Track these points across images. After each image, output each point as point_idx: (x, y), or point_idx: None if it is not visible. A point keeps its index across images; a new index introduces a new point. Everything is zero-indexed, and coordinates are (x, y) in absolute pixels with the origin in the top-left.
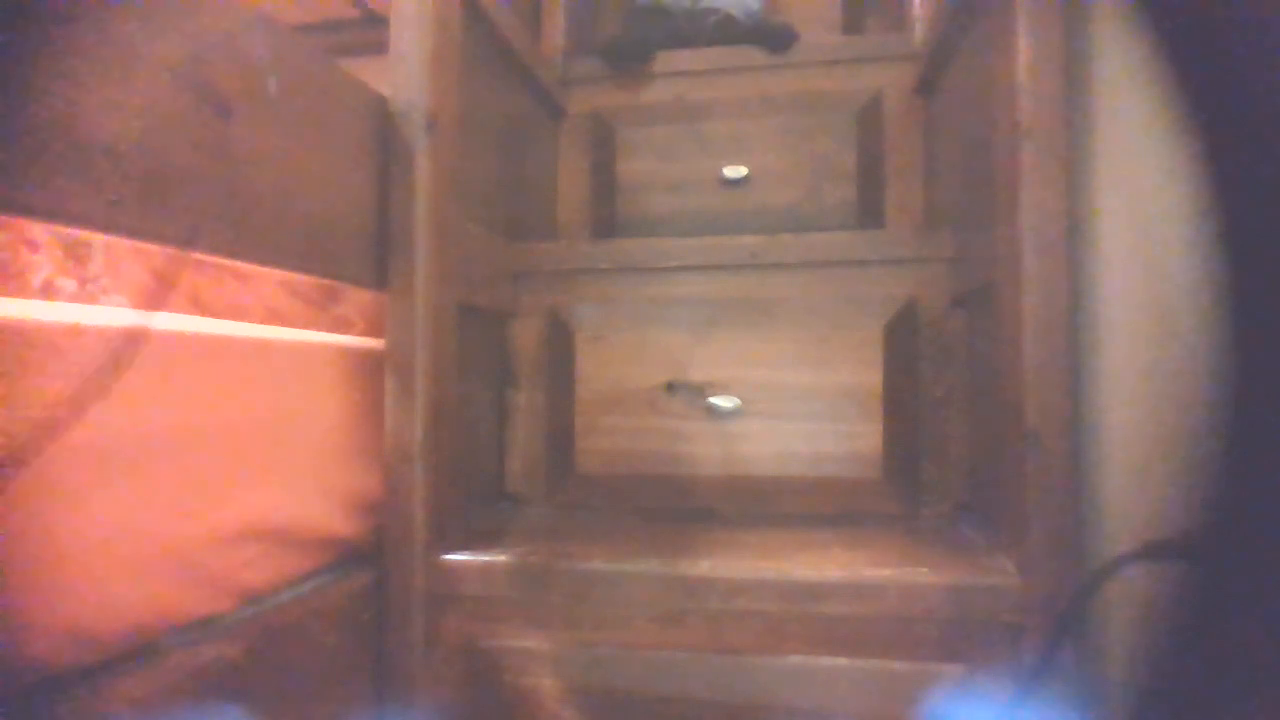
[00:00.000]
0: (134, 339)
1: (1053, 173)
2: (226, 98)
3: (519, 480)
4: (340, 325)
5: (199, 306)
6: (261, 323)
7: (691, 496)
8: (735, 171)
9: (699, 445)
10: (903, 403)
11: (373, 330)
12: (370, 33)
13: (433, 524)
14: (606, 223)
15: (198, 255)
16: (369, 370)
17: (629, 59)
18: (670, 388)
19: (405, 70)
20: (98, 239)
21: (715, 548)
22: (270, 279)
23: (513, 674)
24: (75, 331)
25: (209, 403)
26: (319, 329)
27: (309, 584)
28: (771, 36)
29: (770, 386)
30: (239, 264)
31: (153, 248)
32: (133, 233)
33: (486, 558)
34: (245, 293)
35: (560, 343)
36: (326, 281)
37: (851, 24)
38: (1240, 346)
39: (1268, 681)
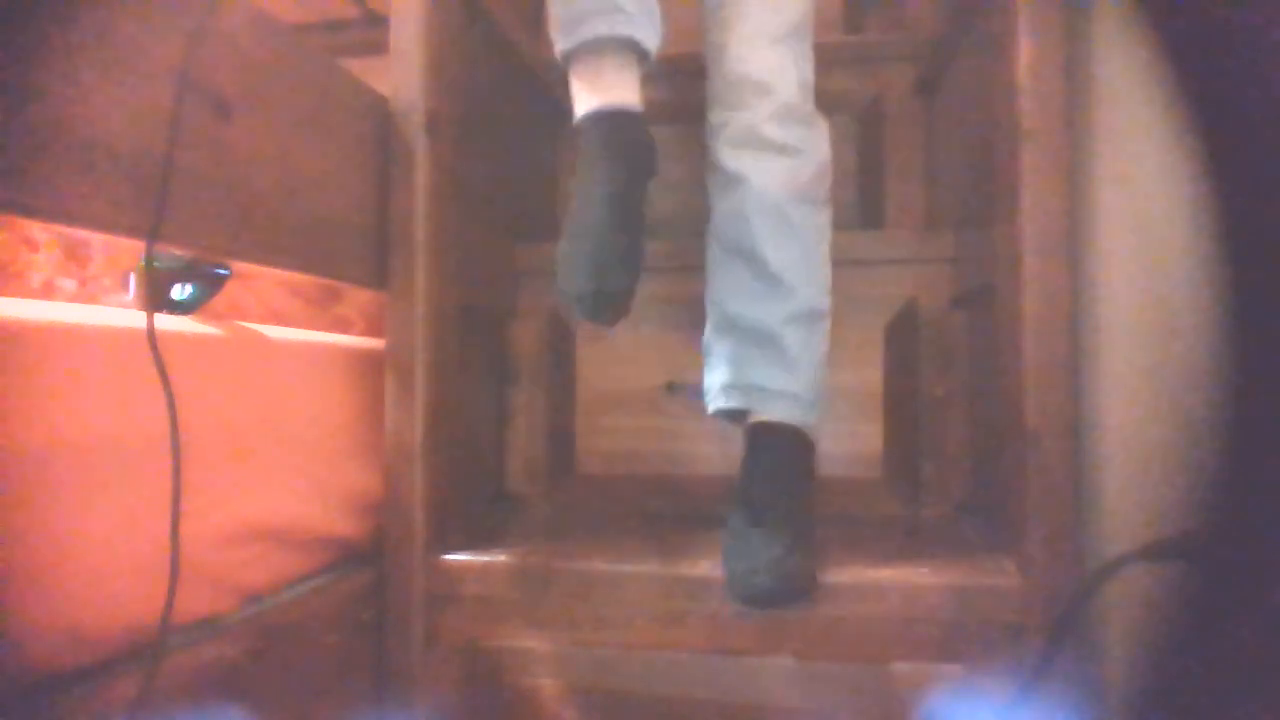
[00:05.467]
0: (133, 339)
1: (1053, 173)
2: (226, 98)
3: (519, 480)
4: (340, 325)
5: None
6: (262, 322)
7: (692, 497)
8: None
9: (699, 445)
10: (903, 403)
11: (373, 330)
12: (370, 33)
13: (433, 524)
14: None
15: (196, 255)
16: (369, 370)
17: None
18: (670, 388)
19: (405, 70)
20: (97, 239)
21: (715, 548)
22: (270, 279)
23: (513, 674)
24: (75, 331)
25: (209, 402)
26: (319, 329)
27: (309, 584)
28: None
29: None
30: (239, 264)
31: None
32: (132, 232)
33: (486, 558)
34: (245, 292)
35: (560, 343)
36: (326, 281)
37: (851, 24)
38: (1241, 347)
39: (1268, 681)
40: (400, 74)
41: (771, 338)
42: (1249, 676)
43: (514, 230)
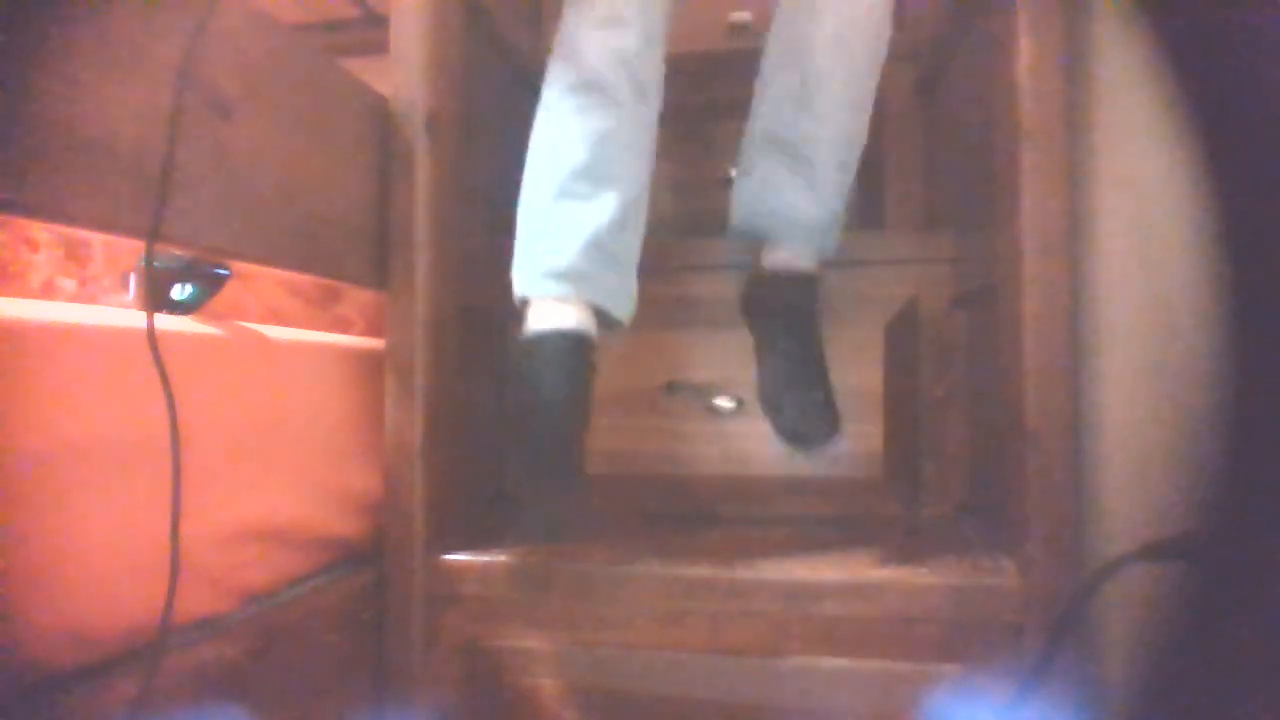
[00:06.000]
0: (133, 339)
1: (1053, 173)
2: (226, 98)
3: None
4: (340, 325)
5: None
6: (262, 322)
7: (692, 497)
8: (733, 173)
9: (699, 445)
10: (903, 403)
11: (373, 330)
12: (370, 33)
13: (433, 524)
14: None
15: (196, 255)
16: (369, 370)
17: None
18: (670, 388)
19: (405, 70)
20: (97, 239)
21: (715, 548)
22: (270, 278)
23: (513, 674)
24: (75, 331)
25: (209, 402)
26: (319, 329)
27: (309, 584)
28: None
29: None
30: (239, 264)
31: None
32: (132, 232)
33: (486, 558)
34: (245, 292)
35: None
36: (326, 281)
37: None
38: (1241, 347)
39: (1268, 681)
40: (400, 74)
41: (806, 158)
42: (1249, 676)
43: (514, 230)
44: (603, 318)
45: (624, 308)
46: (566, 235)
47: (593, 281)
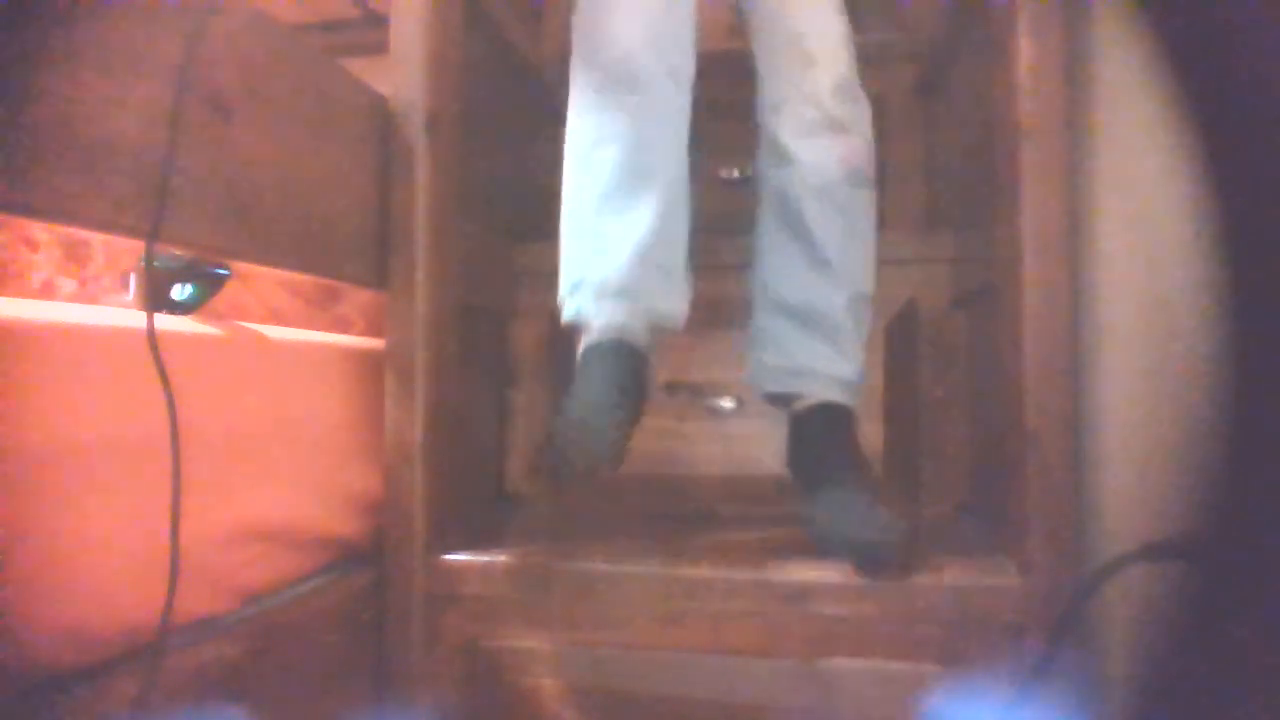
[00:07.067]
0: (133, 339)
1: (1053, 173)
2: (226, 98)
3: (519, 480)
4: (340, 325)
5: None
6: (262, 322)
7: (691, 497)
8: (734, 173)
9: (699, 445)
10: (903, 403)
11: (373, 330)
12: (370, 33)
13: (433, 524)
14: None
15: (196, 255)
16: (369, 370)
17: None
18: (670, 388)
19: (405, 70)
20: (97, 239)
21: (715, 548)
22: (270, 279)
23: (513, 674)
24: (75, 331)
25: (209, 402)
26: (319, 329)
27: (309, 584)
28: None
29: None
30: (239, 264)
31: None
32: (132, 233)
33: (486, 558)
34: (245, 292)
35: (560, 343)
36: (326, 281)
37: (852, 24)
38: (1240, 347)
39: (1268, 681)
40: (400, 74)
41: (821, 321)
42: (1249, 676)
43: (514, 230)
44: (656, 327)
45: (676, 313)
46: (614, 252)
47: (643, 297)
